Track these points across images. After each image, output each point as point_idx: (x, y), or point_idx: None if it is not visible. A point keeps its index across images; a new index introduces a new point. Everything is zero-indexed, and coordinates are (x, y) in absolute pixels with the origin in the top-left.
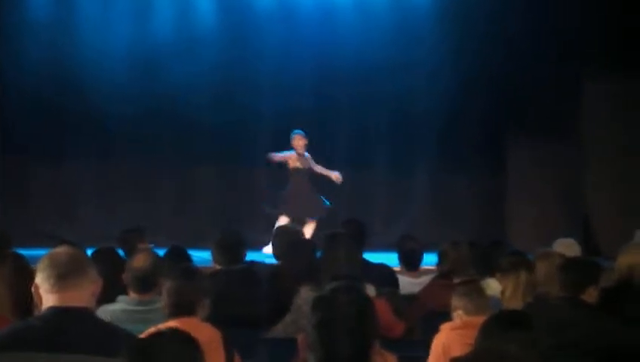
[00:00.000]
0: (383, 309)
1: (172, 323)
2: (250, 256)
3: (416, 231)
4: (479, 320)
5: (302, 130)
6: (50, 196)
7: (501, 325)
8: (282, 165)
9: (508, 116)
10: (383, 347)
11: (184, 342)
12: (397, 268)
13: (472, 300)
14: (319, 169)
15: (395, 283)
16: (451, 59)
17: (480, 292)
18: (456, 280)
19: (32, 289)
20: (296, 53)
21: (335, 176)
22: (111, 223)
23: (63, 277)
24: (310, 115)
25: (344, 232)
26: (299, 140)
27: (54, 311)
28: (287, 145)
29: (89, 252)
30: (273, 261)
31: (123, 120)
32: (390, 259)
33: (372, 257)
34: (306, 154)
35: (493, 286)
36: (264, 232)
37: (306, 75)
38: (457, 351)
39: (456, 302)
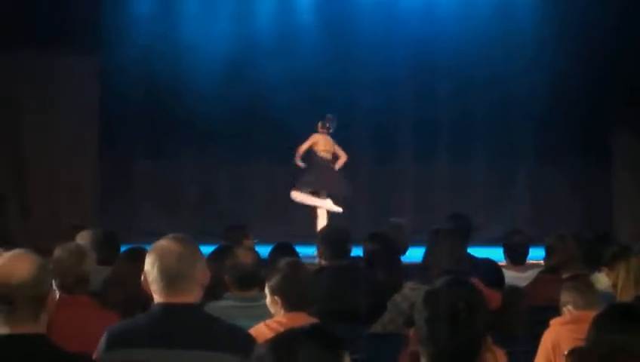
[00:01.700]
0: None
1: (281, 319)
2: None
3: (517, 225)
4: (589, 314)
5: (400, 123)
6: (149, 192)
7: (615, 318)
8: (310, 153)
9: (611, 105)
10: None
11: (328, 339)
12: (502, 262)
13: (582, 294)
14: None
15: (500, 277)
16: (552, 46)
17: (589, 286)
18: (564, 275)
19: (142, 278)
20: (394, 46)
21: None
22: (209, 219)
23: (173, 280)
24: (409, 109)
25: (449, 227)
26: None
27: (163, 307)
28: (386, 142)
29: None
30: None
31: (221, 117)
32: (490, 254)
33: (473, 252)
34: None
35: (602, 280)
36: (365, 225)
37: (405, 68)
38: (567, 347)
39: (565, 296)
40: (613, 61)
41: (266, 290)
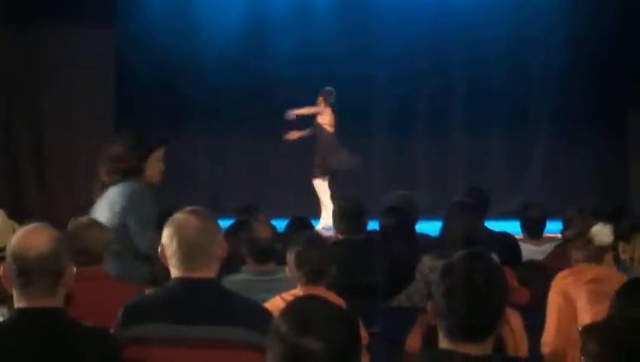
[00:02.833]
0: (507, 276)
1: (297, 291)
2: None
3: (532, 199)
4: (589, 266)
5: (415, 97)
6: (167, 166)
7: (634, 292)
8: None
9: (628, 80)
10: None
11: (341, 313)
12: (519, 236)
13: (579, 251)
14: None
15: (517, 251)
16: (566, 22)
17: (586, 243)
18: (565, 234)
19: (159, 249)
20: (409, 19)
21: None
22: (225, 193)
23: (191, 254)
24: (424, 83)
25: (467, 201)
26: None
27: (181, 282)
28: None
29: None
30: None
31: (236, 91)
32: (506, 227)
33: (489, 225)
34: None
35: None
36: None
37: (420, 43)
38: (575, 291)
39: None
40: (630, 35)
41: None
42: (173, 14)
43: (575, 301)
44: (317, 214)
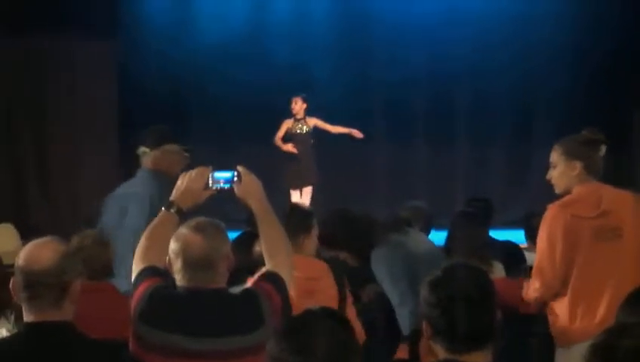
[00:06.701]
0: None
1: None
2: None
3: (536, 207)
4: None
5: (415, 105)
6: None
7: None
8: (289, 136)
9: (631, 86)
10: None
11: (338, 321)
12: (523, 244)
13: None
14: (336, 128)
15: (522, 259)
16: (569, 26)
17: None
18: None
19: (167, 261)
20: (410, 32)
21: (355, 132)
22: (232, 211)
23: (196, 272)
24: (425, 91)
25: (471, 210)
26: (295, 103)
27: (189, 291)
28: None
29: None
30: None
31: (240, 103)
32: (510, 236)
33: (493, 234)
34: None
35: None
36: (381, 208)
37: (420, 50)
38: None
39: None
40: (632, 40)
41: None
42: (175, 26)
43: None
44: None
